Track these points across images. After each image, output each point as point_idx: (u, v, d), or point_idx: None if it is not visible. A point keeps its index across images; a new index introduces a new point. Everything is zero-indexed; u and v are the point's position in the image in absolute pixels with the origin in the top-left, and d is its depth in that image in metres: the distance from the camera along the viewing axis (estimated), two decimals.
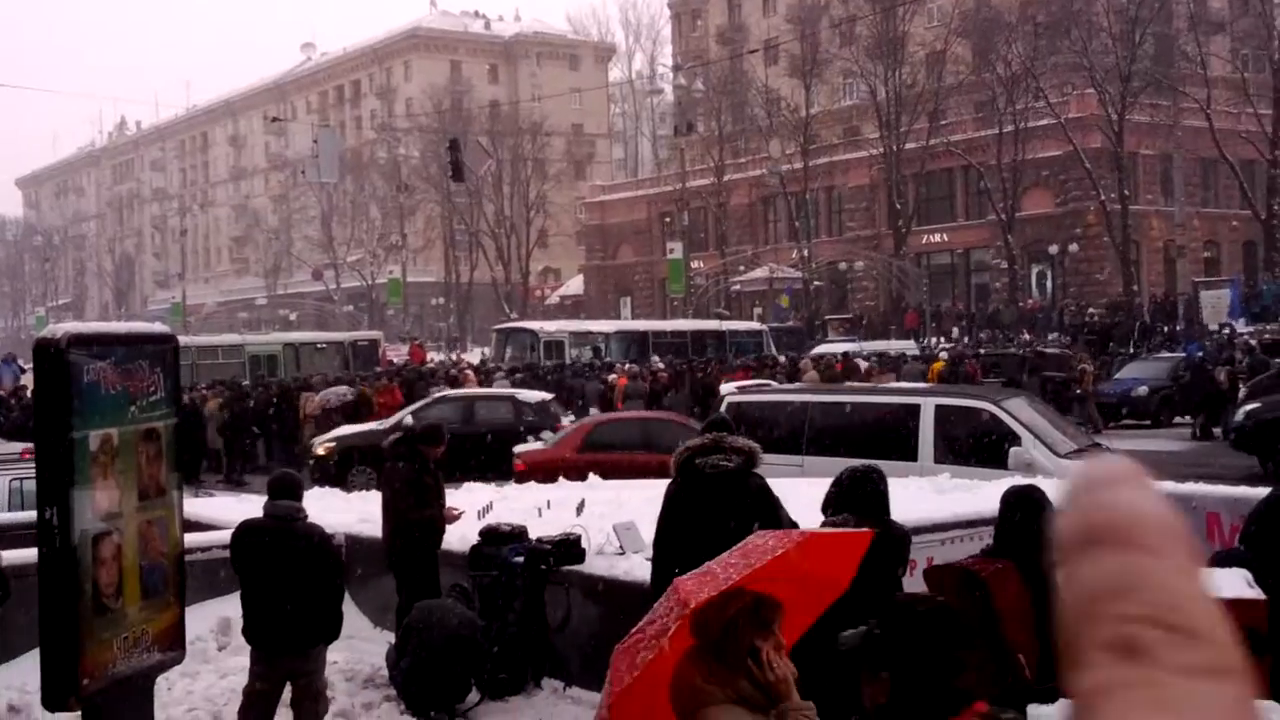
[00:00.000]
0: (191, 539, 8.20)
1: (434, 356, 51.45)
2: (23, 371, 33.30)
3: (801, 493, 8.00)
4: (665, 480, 7.31)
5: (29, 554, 8.08)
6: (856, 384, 24.29)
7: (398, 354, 49.12)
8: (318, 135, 46.84)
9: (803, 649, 3.84)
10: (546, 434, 21.39)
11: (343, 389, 27.79)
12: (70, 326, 6.24)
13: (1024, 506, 5.64)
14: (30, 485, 12.31)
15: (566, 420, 22.28)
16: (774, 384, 23.46)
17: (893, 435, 13.83)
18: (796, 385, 23.42)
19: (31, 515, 8.37)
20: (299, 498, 7.29)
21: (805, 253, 58.71)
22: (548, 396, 24.20)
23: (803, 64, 60.03)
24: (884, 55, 56.70)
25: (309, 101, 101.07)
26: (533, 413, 22.29)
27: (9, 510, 12.67)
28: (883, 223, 59.78)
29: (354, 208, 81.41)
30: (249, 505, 12.52)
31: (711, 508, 6.58)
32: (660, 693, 3.42)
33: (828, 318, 56.74)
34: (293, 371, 37.87)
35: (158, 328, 7.23)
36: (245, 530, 7.25)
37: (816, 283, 60.06)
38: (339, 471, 20.95)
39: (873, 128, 59.54)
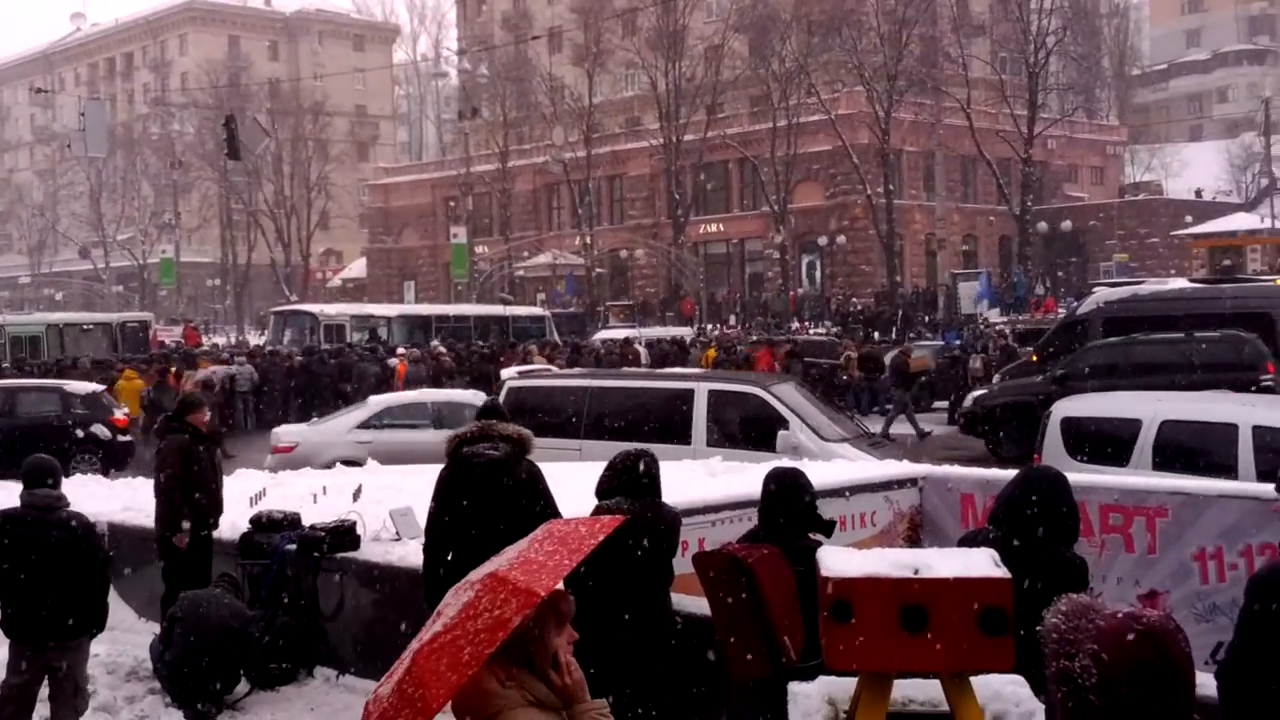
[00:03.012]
0: None
1: (211, 340, 49.88)
2: None
3: (579, 477, 8.14)
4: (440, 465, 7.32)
5: None
6: (633, 369, 24.67)
7: (170, 336, 47.38)
8: (85, 108, 44.57)
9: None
10: (98, 427, 21.09)
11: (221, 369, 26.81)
12: None
13: (784, 490, 5.76)
14: None
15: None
16: (554, 368, 23.62)
17: (668, 419, 14.08)
18: (576, 370, 23.61)
19: None
20: (58, 484, 7.02)
21: (587, 240, 59.19)
22: (99, 388, 23.19)
23: (586, 53, 60.38)
24: (664, 47, 57.58)
25: (78, 73, 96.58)
26: (82, 405, 21.75)
27: None
28: (662, 212, 60.73)
29: (125, 184, 78.20)
30: (4, 493, 11.98)
31: (479, 496, 6.63)
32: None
33: (609, 304, 57.29)
34: (56, 353, 36.13)
35: None
36: (1, 519, 6.94)
37: (598, 270, 60.61)
38: None
39: (653, 118, 60.37)
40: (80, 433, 20.82)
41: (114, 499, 11.47)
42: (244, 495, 10.70)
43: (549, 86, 63.32)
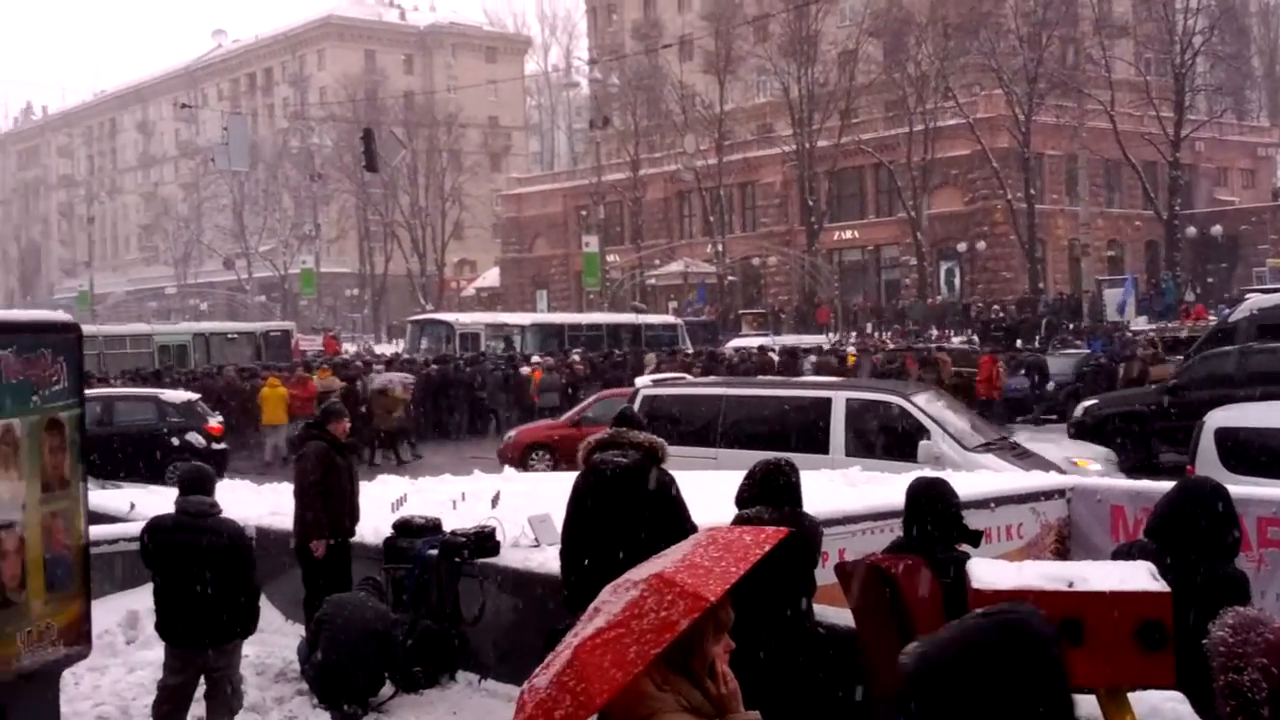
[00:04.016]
0: (98, 531, 8.08)
1: (348, 348, 50.99)
2: None
3: (715, 486, 8.05)
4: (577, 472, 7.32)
5: None
6: (769, 378, 24.53)
7: (311, 345, 48.56)
8: (228, 122, 46.06)
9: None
10: (193, 435, 21.32)
11: (399, 376, 27.55)
12: None
13: (930, 500, 5.63)
14: None
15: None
16: (689, 376, 23.59)
17: (805, 428, 13.94)
18: (711, 379, 23.55)
19: None
20: (211, 492, 7.20)
21: (719, 248, 59.07)
22: (194, 397, 23.60)
23: (717, 60, 60.29)
24: (797, 53, 57.18)
25: (220, 89, 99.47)
26: (177, 413, 21.97)
27: None
28: (795, 219, 60.30)
29: (266, 197, 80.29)
30: (157, 498, 12.33)
31: (610, 504, 6.58)
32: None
33: (741, 312, 57.09)
34: (202, 362, 37.27)
35: (60, 316, 7.06)
36: (156, 527, 7.14)
37: (730, 278, 60.46)
38: None
39: (786, 125, 60.02)
40: (175, 440, 21.20)
41: (261, 504, 11.73)
42: (385, 501, 10.85)
43: (680, 94, 63.43)
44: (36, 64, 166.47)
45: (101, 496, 11.00)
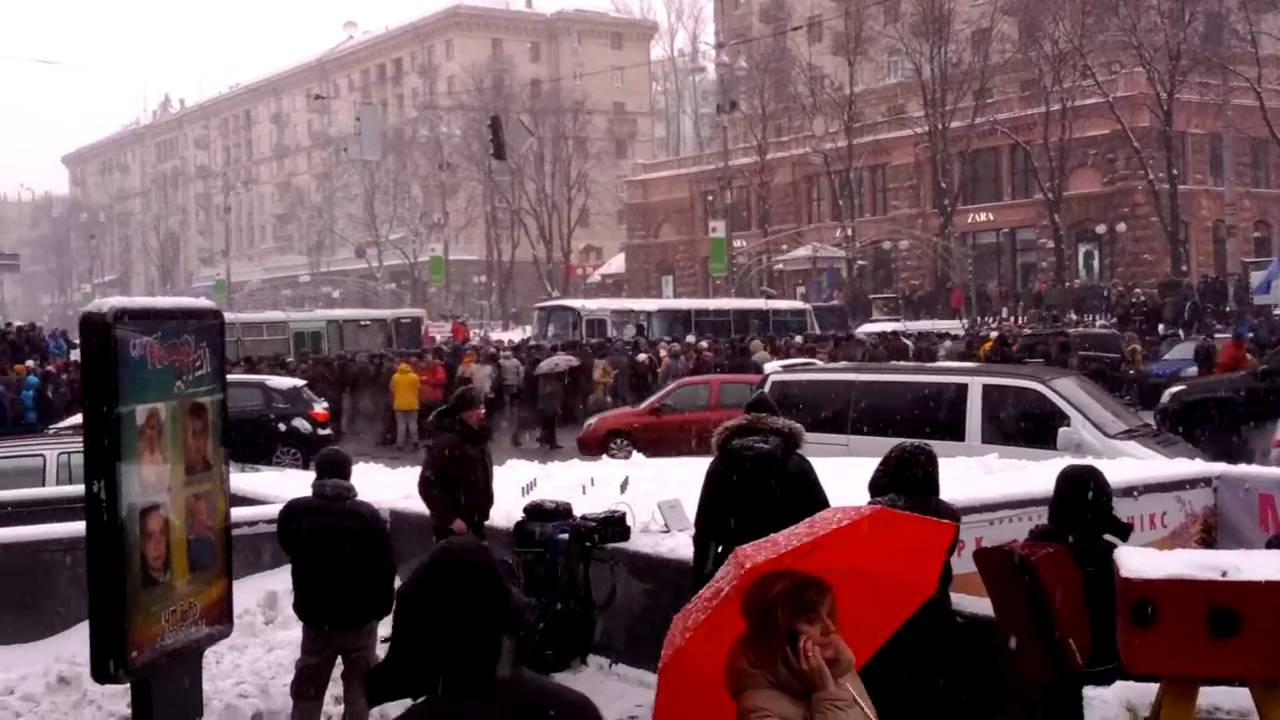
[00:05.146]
0: (237, 513, 8.23)
1: (476, 334, 51.60)
2: (71, 347, 33.62)
3: (848, 473, 7.93)
4: (708, 456, 7.29)
5: (78, 527, 8.14)
6: (902, 363, 24.20)
7: (440, 331, 49.27)
8: (360, 113, 46.94)
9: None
10: (300, 421, 21.37)
11: (564, 357, 27.92)
12: (116, 301, 6.22)
13: (1080, 488, 5.51)
14: (79, 460, 12.45)
15: None
16: (819, 362, 23.36)
17: (940, 415, 13.70)
18: (841, 364, 23.30)
19: (79, 490, 8.44)
20: (347, 476, 7.29)
21: (849, 231, 58.39)
22: (300, 383, 23.78)
23: (847, 41, 59.50)
24: (929, 33, 56.17)
25: (351, 79, 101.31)
26: (283, 399, 22.03)
27: (58, 484, 12.78)
28: (928, 201, 59.32)
29: (396, 186, 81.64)
30: (294, 481, 12.58)
31: (749, 489, 6.57)
32: (710, 653, 3.40)
33: (872, 297, 56.41)
34: (336, 348, 38.06)
35: (203, 303, 7.21)
36: (294, 509, 7.27)
37: (860, 262, 59.74)
38: None
39: (918, 106, 59.04)
40: (282, 427, 21.57)
41: (395, 487, 11.85)
42: (515, 485, 10.91)
43: (808, 77, 62.79)
44: (174, 58, 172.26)
45: (240, 479, 11.24)
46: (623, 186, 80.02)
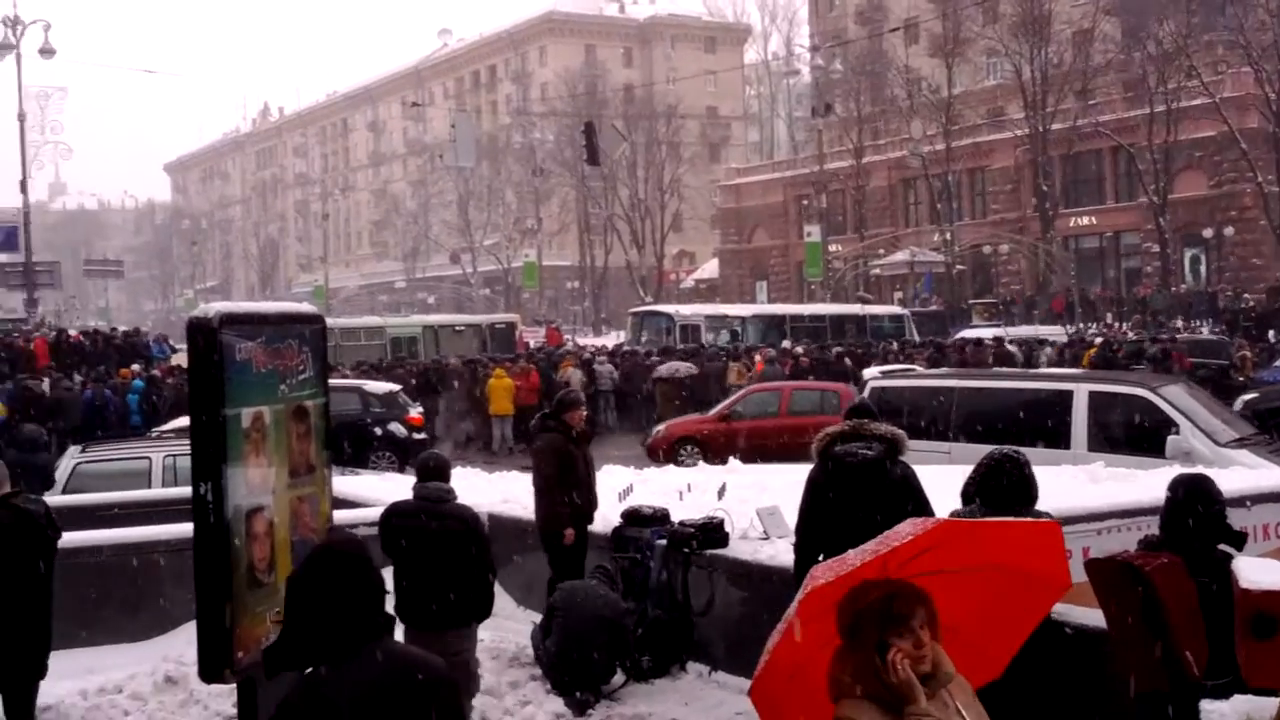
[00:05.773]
0: (338, 516, 8.30)
1: (569, 339, 51.81)
2: (173, 351, 34.39)
3: (949, 481, 7.82)
4: (805, 464, 7.23)
5: (184, 529, 8.26)
6: (1006, 369, 23.85)
7: (534, 337, 49.55)
8: (455, 120, 47.53)
9: None
10: (395, 426, 21.31)
11: (683, 364, 27.93)
12: (222, 306, 6.28)
13: (1194, 497, 5.36)
14: (184, 463, 12.68)
15: None
16: (918, 368, 23.09)
17: (1044, 422, 13.49)
18: (943, 370, 23.00)
19: (185, 492, 8.57)
20: (448, 479, 7.32)
21: (948, 236, 57.65)
22: (395, 387, 23.84)
23: (944, 43, 58.83)
24: (1029, 34, 55.24)
25: (446, 87, 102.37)
26: (380, 404, 22.02)
27: (164, 486, 13.03)
28: (1028, 205, 58.33)
29: (490, 192, 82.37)
30: (393, 484, 12.71)
31: (852, 496, 6.52)
32: (786, 675, 3.45)
33: (971, 302, 55.64)
34: (432, 353, 38.43)
35: (306, 308, 7.29)
36: (395, 511, 7.32)
37: (959, 267, 58.90)
38: None
39: (1018, 108, 58.08)
40: (378, 430, 21.76)
41: (493, 491, 11.93)
42: (612, 490, 10.90)
43: (905, 79, 62.13)
44: (273, 67, 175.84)
45: (340, 482, 11.36)
46: (716, 191, 79.89)
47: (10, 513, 6.68)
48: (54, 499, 12.53)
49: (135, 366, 28.48)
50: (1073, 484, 10.54)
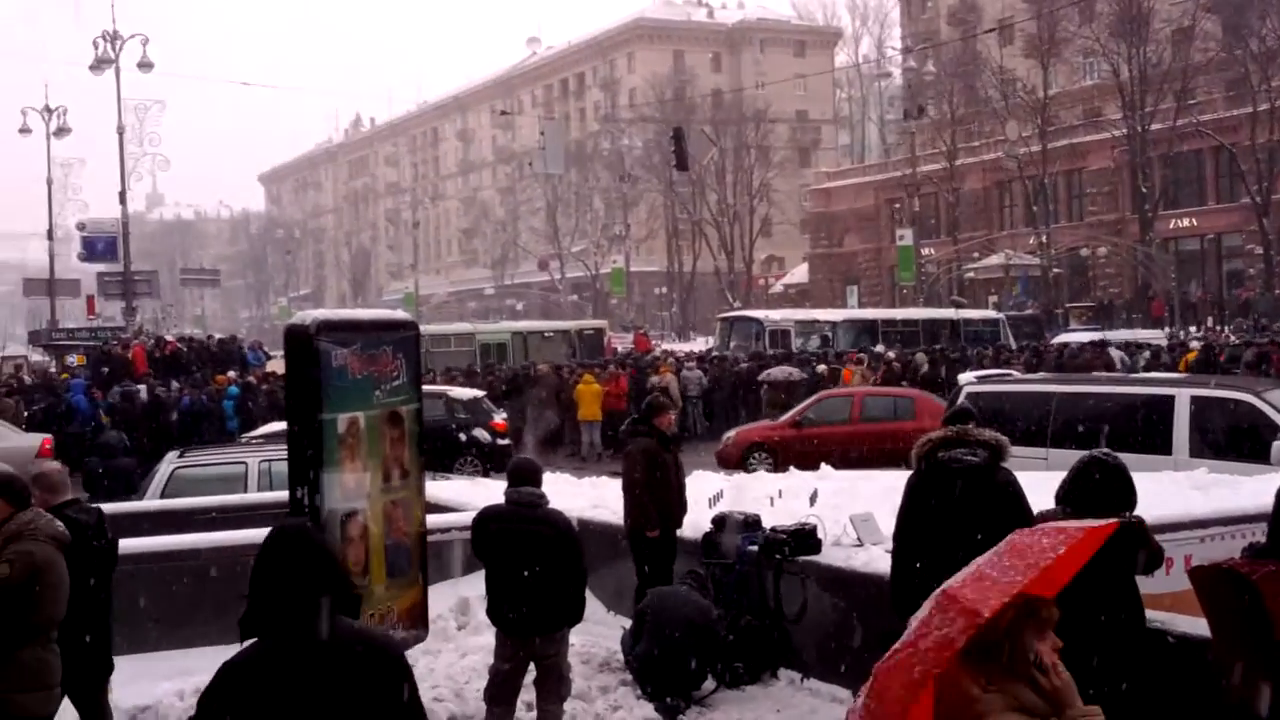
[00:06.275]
0: (430, 520, 8.35)
1: (657, 345, 51.82)
2: (268, 358, 34.96)
3: (1047, 488, 7.68)
4: (893, 470, 7.12)
5: None
6: (1105, 374, 23.37)
7: (622, 342, 49.62)
8: (544, 127, 47.68)
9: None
10: (480, 431, 21.26)
11: (793, 369, 27.96)
12: (319, 313, 6.37)
13: None
14: (278, 467, 12.87)
15: None
16: (1015, 373, 22.73)
17: (1145, 427, 13.19)
18: (1040, 375, 22.60)
19: (280, 496, 8.68)
20: (539, 484, 7.32)
21: (1044, 239, 56.68)
22: (480, 393, 23.90)
23: (1040, 43, 57.95)
24: (1127, 33, 54.14)
25: (535, 95, 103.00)
26: (465, 410, 21.95)
27: (259, 491, 13.22)
28: (1127, 207, 57.15)
29: (578, 199, 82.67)
30: (485, 489, 12.76)
31: (956, 503, 6.37)
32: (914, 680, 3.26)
33: (1068, 306, 54.61)
34: (521, 359, 38.62)
35: (400, 315, 7.36)
36: (488, 516, 7.33)
37: (1056, 270, 57.88)
38: None
39: (1116, 108, 56.98)
40: (463, 436, 21.82)
41: (582, 497, 11.93)
42: (702, 496, 10.85)
43: (1000, 80, 61.20)
44: (365, 79, 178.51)
45: (431, 487, 11.45)
46: (805, 195, 79.40)
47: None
48: (152, 503, 12.82)
49: (231, 373, 28.96)
50: (1174, 490, 10.31)
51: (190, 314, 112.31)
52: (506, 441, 22.70)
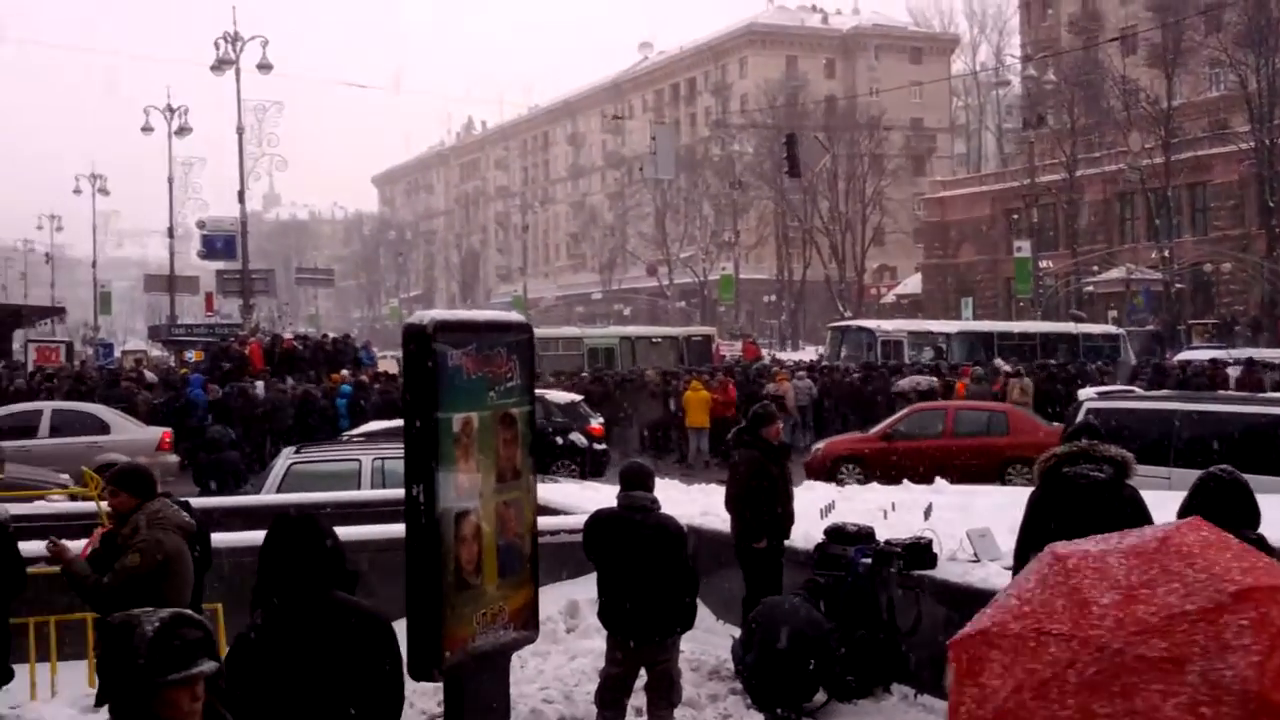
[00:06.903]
0: (541, 523, 8.35)
1: (766, 353, 51.54)
2: (381, 358, 35.44)
3: (1169, 508, 7.44)
4: (1008, 486, 6.93)
5: (391, 529, 8.42)
6: (1230, 393, 22.64)
7: (730, 350, 49.44)
8: (655, 132, 47.69)
9: None
10: (576, 435, 21.19)
11: (925, 378, 27.84)
12: (436, 314, 6.39)
13: None
14: (391, 465, 13.00)
15: None
16: (1137, 390, 22.16)
17: (1273, 449, 12.68)
18: (1163, 392, 21.99)
19: (393, 493, 8.73)
20: (651, 488, 7.27)
21: (1166, 253, 55.23)
22: (577, 398, 23.77)
23: (1164, 53, 56.54)
24: (1255, 43, 52.62)
25: (645, 100, 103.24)
26: (561, 413, 21.77)
27: (372, 488, 13.37)
28: (1254, 221, 55.42)
29: (687, 204, 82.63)
30: (594, 493, 12.77)
31: (1081, 520, 6.15)
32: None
33: (1191, 322, 53.12)
34: (628, 364, 38.67)
35: (515, 317, 7.34)
36: (600, 519, 7.30)
37: (1178, 285, 56.37)
38: None
39: (1243, 120, 55.33)
40: (559, 440, 21.77)
41: (691, 504, 11.87)
42: (813, 506, 10.73)
43: (1122, 90, 59.82)
44: (477, 82, 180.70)
45: (544, 489, 11.47)
46: (919, 204, 78.45)
47: None
48: (269, 497, 13.04)
49: (344, 371, 29.42)
50: None
51: (304, 313, 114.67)
52: (603, 446, 22.72)
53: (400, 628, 6.07)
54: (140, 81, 56.43)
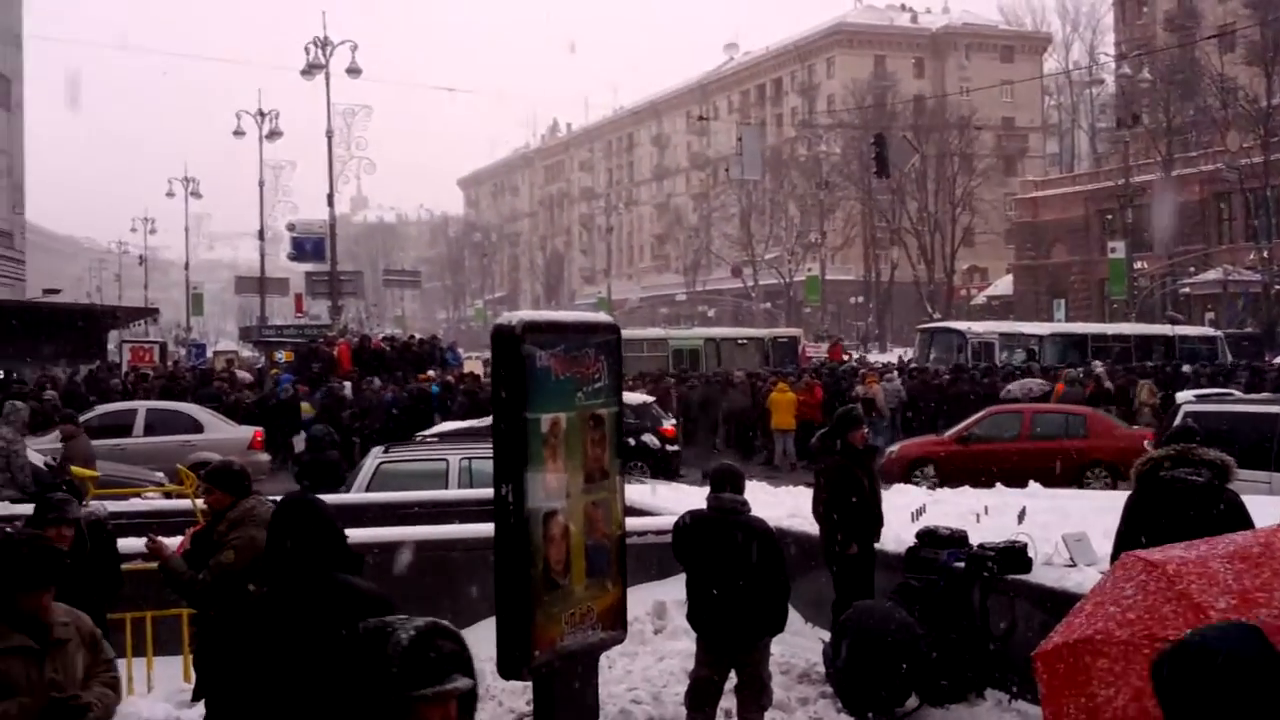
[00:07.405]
0: (629, 524, 8.33)
1: (854, 355, 51.11)
2: (468, 358, 35.70)
3: (1270, 512, 7.32)
4: (1086, 489, 6.79)
5: (479, 529, 8.46)
6: None
7: (817, 352, 49.08)
8: (741, 133, 47.64)
9: None
10: (649, 437, 21.15)
11: (1036, 382, 27.83)
12: (524, 315, 6.42)
13: None
14: (478, 465, 13.08)
15: None
16: (1235, 393, 21.63)
17: None
18: (1265, 395, 21.44)
19: (481, 493, 8.77)
20: (742, 490, 7.23)
21: (1265, 253, 53.85)
22: (649, 399, 23.58)
23: (1263, 51, 55.18)
24: None
25: (730, 100, 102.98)
26: (634, 414, 21.58)
27: (459, 488, 13.47)
28: None
29: (773, 205, 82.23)
30: (681, 494, 12.75)
31: (1179, 523, 6.06)
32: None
33: None
34: (713, 365, 38.55)
35: (603, 318, 7.35)
36: (690, 521, 7.27)
37: (1277, 286, 54.95)
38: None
39: None
40: (631, 441, 21.66)
41: (779, 505, 11.80)
42: (904, 510, 10.64)
43: (1220, 88, 58.43)
44: (562, 83, 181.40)
45: (632, 490, 11.49)
46: (1011, 205, 77.31)
47: None
48: (358, 496, 13.20)
49: (431, 372, 29.67)
50: None
51: (391, 314, 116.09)
52: (676, 448, 22.66)
53: (489, 626, 6.13)
54: (233, 87, 57.26)
